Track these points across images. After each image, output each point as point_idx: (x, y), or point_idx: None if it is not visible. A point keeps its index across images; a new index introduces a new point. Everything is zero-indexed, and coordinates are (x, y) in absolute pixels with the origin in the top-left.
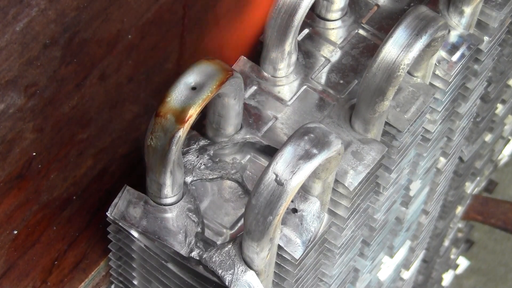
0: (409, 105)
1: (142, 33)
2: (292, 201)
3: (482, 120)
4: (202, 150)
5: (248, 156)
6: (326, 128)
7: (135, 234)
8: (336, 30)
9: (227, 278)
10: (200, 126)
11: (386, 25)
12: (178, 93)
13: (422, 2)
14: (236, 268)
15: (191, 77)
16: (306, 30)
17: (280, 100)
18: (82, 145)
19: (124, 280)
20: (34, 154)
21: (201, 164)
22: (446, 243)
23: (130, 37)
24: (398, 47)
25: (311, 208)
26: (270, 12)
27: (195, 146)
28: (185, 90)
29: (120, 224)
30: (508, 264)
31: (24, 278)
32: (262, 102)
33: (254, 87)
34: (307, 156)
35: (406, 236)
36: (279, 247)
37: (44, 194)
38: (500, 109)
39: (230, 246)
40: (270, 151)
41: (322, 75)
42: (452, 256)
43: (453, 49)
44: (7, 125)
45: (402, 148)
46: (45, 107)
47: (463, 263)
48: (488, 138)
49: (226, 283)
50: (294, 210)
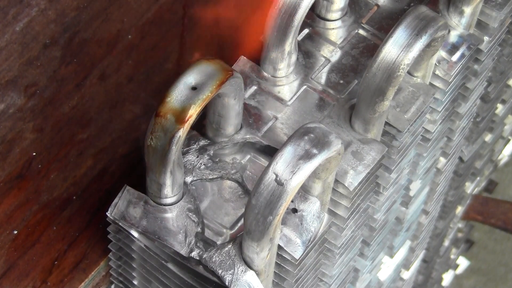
0: (409, 105)
1: (142, 33)
2: (292, 201)
3: (482, 120)
4: (202, 150)
5: (248, 156)
6: (326, 128)
7: (135, 234)
8: (336, 30)
9: (227, 278)
10: (200, 126)
11: (386, 25)
12: (178, 93)
13: (422, 2)
14: (236, 268)
15: (191, 77)
16: (306, 30)
17: (280, 100)
18: (82, 145)
19: (124, 280)
20: (34, 154)
21: (201, 164)
22: (446, 243)
23: (130, 37)
24: (398, 47)
25: (311, 208)
26: (270, 12)
27: (195, 146)
28: (185, 90)
29: (120, 224)
30: (508, 264)
31: (24, 278)
32: (262, 102)
33: (254, 87)
34: (307, 156)
35: (406, 236)
36: (279, 247)
37: (44, 194)
38: (500, 109)
39: (230, 246)
40: (270, 151)
41: (322, 75)
42: (452, 256)
43: (453, 49)
44: (7, 125)
45: (402, 148)
46: (45, 107)
47: (463, 263)
48: (488, 138)
49: (226, 283)
50: (294, 210)
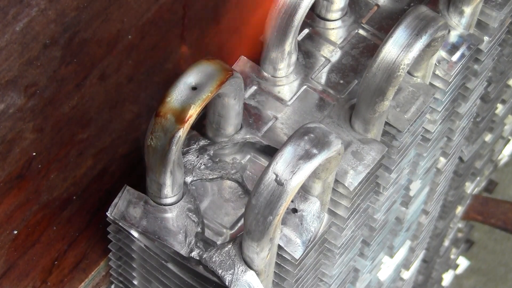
0: (409, 105)
1: (142, 33)
2: (292, 201)
3: (482, 120)
4: (202, 150)
5: (248, 156)
6: (326, 128)
7: (135, 234)
8: (336, 30)
9: (227, 278)
10: (200, 126)
11: (386, 25)
12: (178, 93)
13: (422, 2)
14: (236, 268)
15: (191, 77)
16: (306, 30)
17: (280, 100)
18: (82, 145)
19: (124, 280)
20: (34, 154)
21: (201, 164)
22: (446, 243)
23: (130, 37)
24: (398, 47)
25: (311, 208)
26: (270, 12)
27: (195, 146)
28: (185, 90)
29: (120, 224)
30: (508, 264)
31: (24, 278)
32: (262, 102)
33: (254, 87)
34: (307, 156)
35: (406, 236)
36: (279, 247)
37: (44, 194)
38: (500, 109)
39: (230, 246)
40: (270, 151)
41: (322, 75)
42: (452, 256)
43: (453, 49)
44: (7, 125)
45: (402, 148)
46: (45, 107)
47: (463, 263)
48: (488, 138)
49: (226, 283)
50: (294, 210)
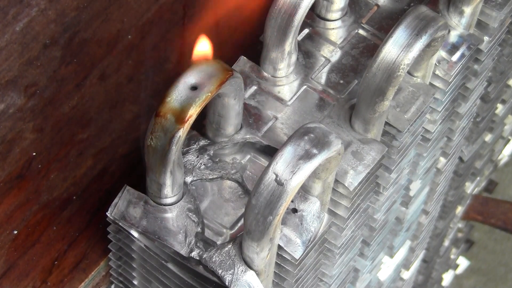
0: (409, 105)
1: (142, 33)
2: (292, 201)
3: (482, 120)
4: (202, 150)
5: (248, 156)
6: (326, 128)
7: (135, 234)
8: (336, 30)
9: (227, 278)
10: (200, 126)
11: (386, 25)
12: (178, 93)
13: (422, 2)
14: (236, 268)
15: (191, 77)
16: (306, 30)
17: (280, 100)
18: (82, 145)
19: (124, 280)
20: (34, 154)
21: (201, 164)
22: (446, 243)
23: (130, 37)
24: (398, 47)
25: (311, 208)
26: (270, 12)
27: (195, 146)
28: (185, 90)
29: (120, 224)
30: (508, 264)
31: (24, 278)
32: (262, 102)
33: (254, 87)
34: (307, 156)
35: (406, 236)
36: (279, 247)
37: (44, 194)
38: (500, 109)
39: (230, 246)
40: (270, 151)
41: (322, 75)
42: (452, 256)
43: (453, 49)
44: (7, 125)
45: (402, 148)
46: (45, 107)
47: (463, 263)
48: (488, 138)
49: (226, 283)
50: (294, 210)
